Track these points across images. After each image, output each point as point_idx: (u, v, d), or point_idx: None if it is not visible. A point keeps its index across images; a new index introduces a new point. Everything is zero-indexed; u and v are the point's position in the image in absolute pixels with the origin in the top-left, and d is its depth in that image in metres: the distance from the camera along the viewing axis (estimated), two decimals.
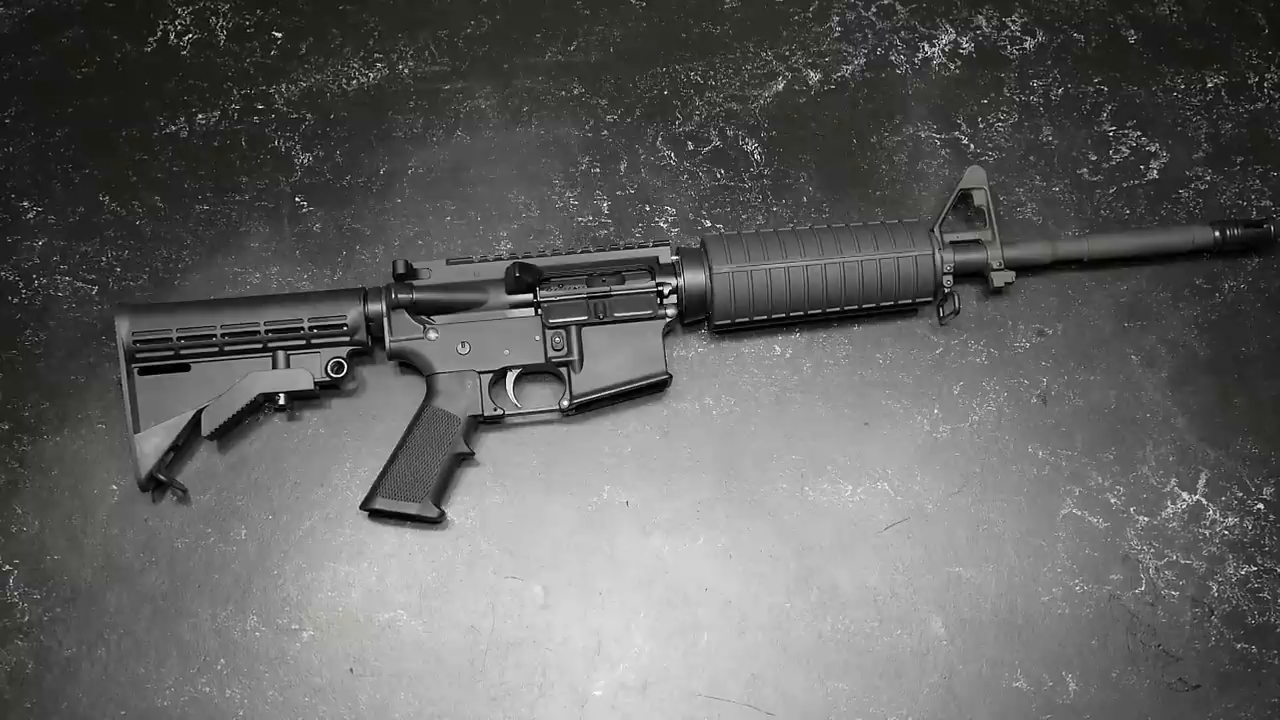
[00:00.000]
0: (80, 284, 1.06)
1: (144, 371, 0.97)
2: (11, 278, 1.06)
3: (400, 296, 0.97)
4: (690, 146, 1.10)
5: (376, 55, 1.12)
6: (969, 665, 0.96)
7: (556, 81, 1.12)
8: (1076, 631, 0.97)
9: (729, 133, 1.10)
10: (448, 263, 1.00)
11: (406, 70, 1.12)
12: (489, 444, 1.01)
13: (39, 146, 1.10)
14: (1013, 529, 0.99)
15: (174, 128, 1.10)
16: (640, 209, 1.08)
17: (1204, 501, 1.01)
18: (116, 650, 0.96)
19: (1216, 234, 1.03)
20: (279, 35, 1.13)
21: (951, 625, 0.97)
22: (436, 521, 0.97)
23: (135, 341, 0.96)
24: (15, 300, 1.05)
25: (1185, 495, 1.01)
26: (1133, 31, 1.14)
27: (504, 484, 1.00)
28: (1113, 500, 1.01)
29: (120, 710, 0.95)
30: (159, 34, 1.13)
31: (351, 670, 0.96)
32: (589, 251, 1.00)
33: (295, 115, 1.11)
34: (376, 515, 0.98)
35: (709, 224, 1.07)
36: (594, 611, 0.97)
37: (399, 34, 1.13)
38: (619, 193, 1.09)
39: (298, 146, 1.10)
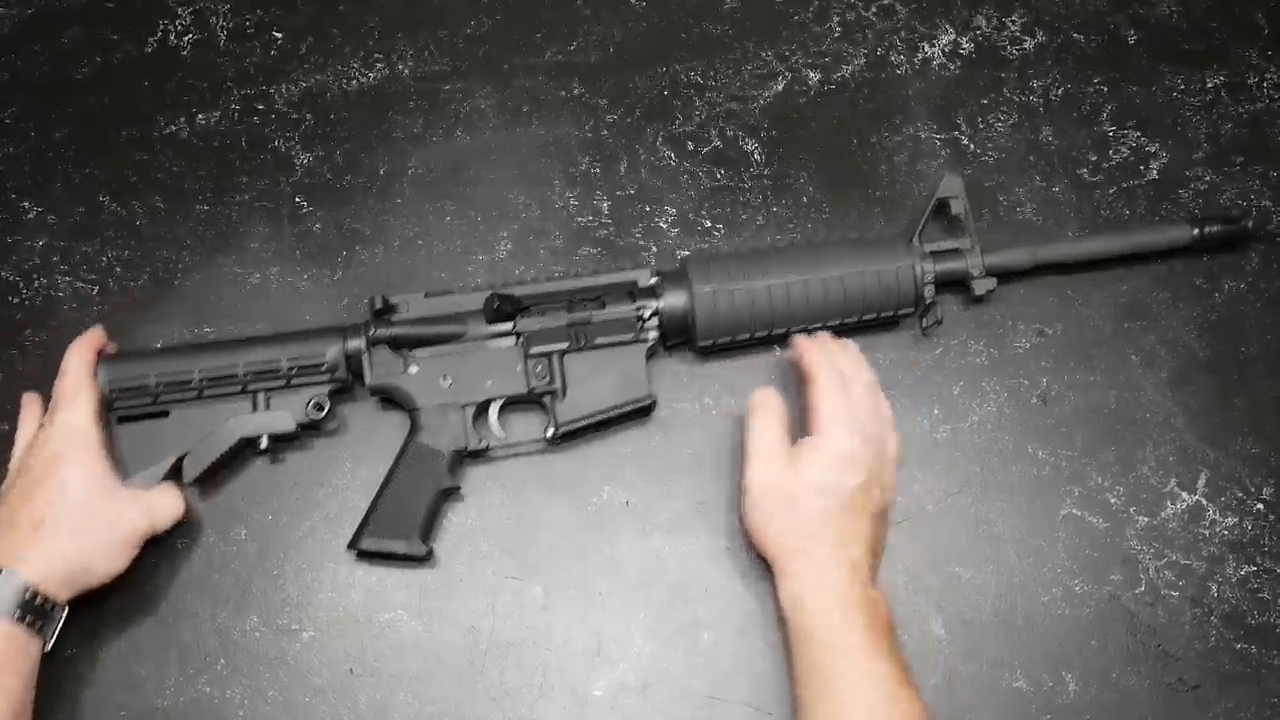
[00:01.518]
0: (80, 284, 1.06)
1: (122, 420, 0.95)
2: (11, 278, 1.06)
3: (379, 332, 0.96)
4: (690, 146, 1.10)
5: (376, 55, 1.13)
6: (969, 665, 0.96)
7: (556, 81, 1.12)
8: (1076, 632, 0.97)
9: (729, 133, 1.10)
10: (425, 295, 0.98)
11: (406, 70, 1.12)
12: None
13: (39, 146, 1.10)
14: (1013, 529, 0.99)
15: (174, 128, 1.10)
16: (640, 209, 1.08)
17: (1204, 502, 1.01)
18: (116, 650, 0.95)
19: (1195, 231, 1.03)
20: (279, 35, 1.13)
21: (951, 625, 0.97)
22: (425, 559, 0.96)
23: (113, 391, 0.94)
24: (15, 300, 1.05)
25: (1185, 495, 1.01)
26: (1132, 32, 1.14)
27: (504, 484, 1.00)
28: (1113, 500, 1.01)
29: (120, 710, 0.94)
30: (159, 34, 1.13)
31: (351, 671, 0.96)
32: (567, 277, 0.99)
33: (295, 115, 1.11)
34: (364, 555, 0.97)
35: (709, 224, 1.07)
36: (594, 612, 0.97)
37: (399, 34, 1.13)
38: (619, 193, 1.09)
39: (298, 146, 1.10)
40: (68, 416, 0.91)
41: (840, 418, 0.91)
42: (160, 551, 0.98)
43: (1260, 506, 1.00)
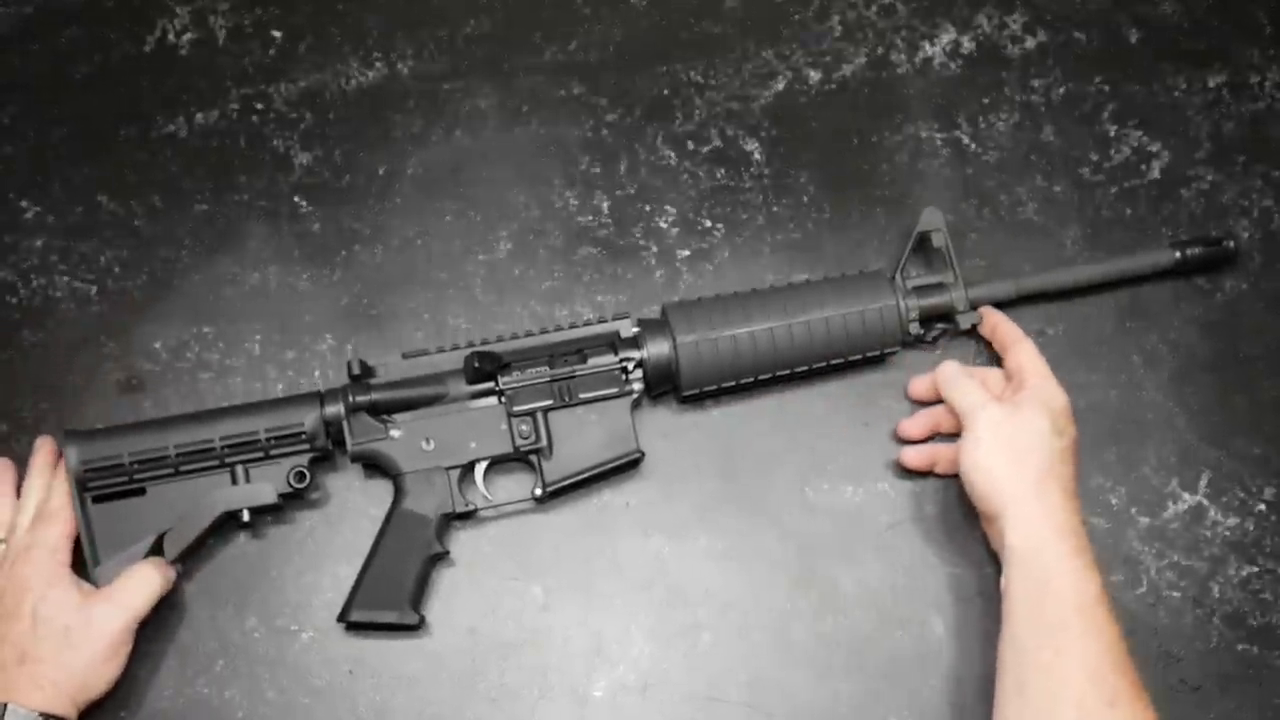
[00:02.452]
0: (79, 284, 1.06)
1: (98, 500, 0.93)
2: (9, 278, 1.06)
3: (358, 399, 0.94)
4: (690, 146, 1.10)
5: (376, 55, 1.12)
6: (969, 666, 0.95)
7: (556, 81, 1.11)
8: None
9: (729, 132, 1.10)
10: (403, 356, 0.97)
11: (406, 70, 1.12)
12: None
13: (38, 146, 1.09)
14: None
15: (173, 127, 1.10)
16: (640, 209, 1.08)
17: (1205, 502, 1.00)
18: None
19: (1177, 254, 1.02)
20: (278, 35, 1.13)
21: (951, 625, 0.97)
22: (416, 628, 0.95)
23: (86, 470, 0.92)
24: (13, 300, 1.05)
25: (1187, 496, 1.01)
26: (1134, 31, 1.14)
27: (504, 486, 1.00)
28: (1114, 501, 1.00)
29: (119, 711, 0.94)
30: (157, 33, 1.13)
31: (351, 672, 0.96)
32: (548, 332, 0.98)
33: (294, 115, 1.10)
34: (354, 627, 0.95)
35: (709, 224, 1.07)
36: (594, 613, 0.97)
37: (398, 33, 1.13)
38: (619, 192, 1.08)
39: (297, 146, 1.10)
40: (33, 536, 0.91)
41: (1051, 376, 0.95)
42: None
43: (1262, 507, 1.00)
